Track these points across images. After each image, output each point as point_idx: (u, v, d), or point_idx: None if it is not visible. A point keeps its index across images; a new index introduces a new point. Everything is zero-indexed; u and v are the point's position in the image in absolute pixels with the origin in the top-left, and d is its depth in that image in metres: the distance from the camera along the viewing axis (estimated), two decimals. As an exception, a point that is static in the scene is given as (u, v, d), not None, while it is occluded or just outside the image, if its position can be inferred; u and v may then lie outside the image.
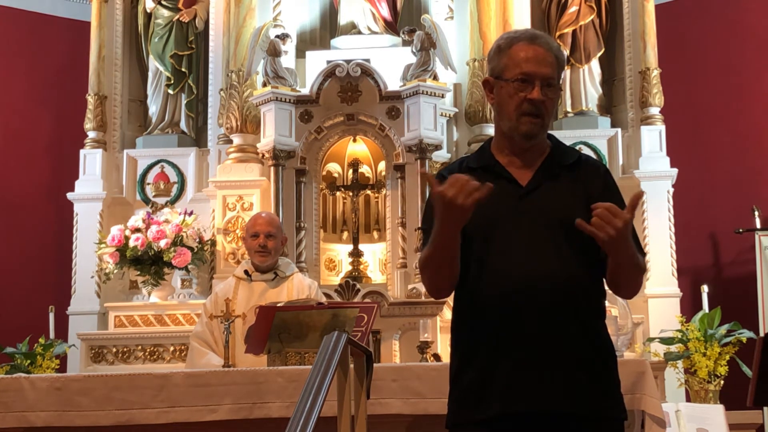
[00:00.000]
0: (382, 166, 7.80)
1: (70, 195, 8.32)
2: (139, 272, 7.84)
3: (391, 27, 8.40)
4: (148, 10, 8.55)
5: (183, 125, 8.52)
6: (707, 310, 7.13)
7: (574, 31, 8.19)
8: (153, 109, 8.58)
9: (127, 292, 8.15)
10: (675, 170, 7.94)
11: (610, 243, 2.63)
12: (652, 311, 7.70)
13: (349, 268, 7.66)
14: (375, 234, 7.89)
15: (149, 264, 7.74)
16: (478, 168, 2.85)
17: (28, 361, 7.37)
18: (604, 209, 2.61)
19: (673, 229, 7.87)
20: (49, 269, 8.80)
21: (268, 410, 4.16)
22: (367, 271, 7.69)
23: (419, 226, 7.31)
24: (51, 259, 8.83)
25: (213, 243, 7.92)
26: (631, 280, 2.78)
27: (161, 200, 8.28)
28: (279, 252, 5.50)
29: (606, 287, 2.84)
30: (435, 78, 7.61)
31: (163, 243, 7.62)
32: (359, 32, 8.37)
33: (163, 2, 8.53)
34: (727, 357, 6.91)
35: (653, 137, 8.02)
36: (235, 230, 7.82)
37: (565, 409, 2.67)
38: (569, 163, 2.84)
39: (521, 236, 2.72)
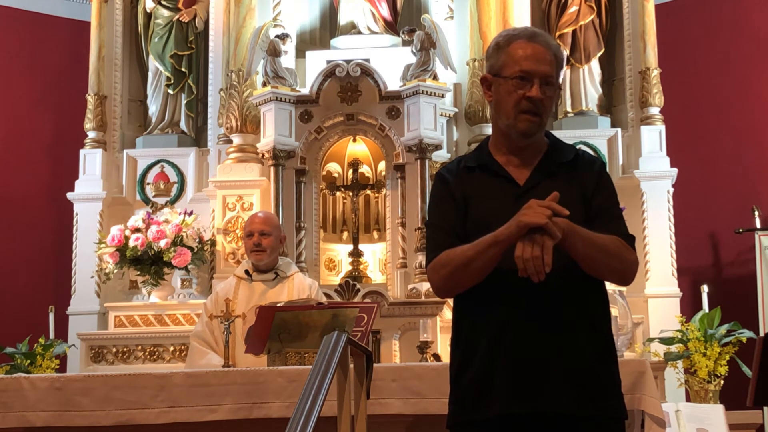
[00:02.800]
0: (382, 166, 7.80)
1: (70, 195, 8.32)
2: (139, 272, 7.84)
3: (391, 27, 8.40)
4: (148, 10, 8.55)
5: (183, 125, 8.52)
6: (707, 310, 7.13)
7: (574, 31, 8.19)
8: (153, 109, 8.58)
9: (127, 292, 8.15)
10: (675, 170, 7.94)
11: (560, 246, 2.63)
12: (652, 311, 7.70)
13: (349, 268, 7.65)
14: (375, 234, 7.89)
15: (149, 264, 7.74)
16: (476, 167, 2.85)
17: (28, 361, 7.37)
18: (519, 259, 2.60)
19: (673, 229, 7.87)
20: (49, 269, 8.80)
21: (268, 410, 4.16)
22: (367, 271, 7.69)
23: (419, 226, 7.38)
24: (51, 259, 8.83)
25: (213, 243, 7.92)
26: (605, 265, 2.73)
27: (161, 200, 8.29)
28: (277, 250, 5.50)
29: (608, 282, 2.84)
30: (435, 78, 7.61)
31: (163, 243, 7.62)
32: (359, 32, 8.37)
33: (163, 2, 8.52)
34: (727, 357, 6.91)
35: (653, 137, 8.02)
36: (235, 230, 7.82)
37: (566, 409, 2.67)
38: (566, 161, 2.84)
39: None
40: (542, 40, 2.81)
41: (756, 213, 7.87)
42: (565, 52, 8.16)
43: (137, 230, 7.73)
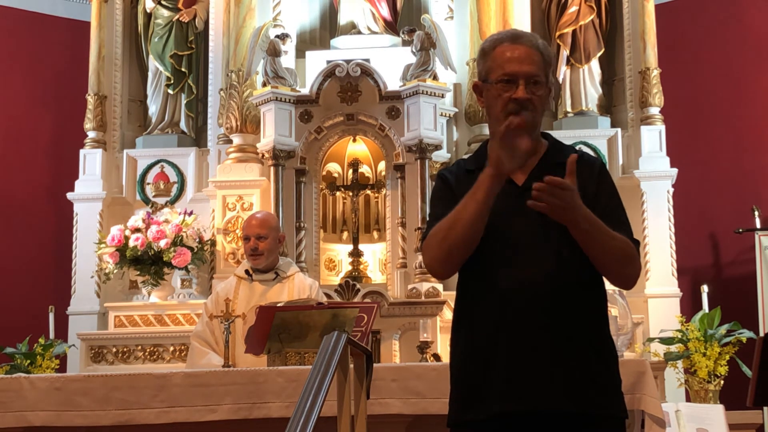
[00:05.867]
0: (382, 166, 7.80)
1: (70, 195, 8.32)
2: (139, 272, 7.84)
3: (391, 27, 8.40)
4: (148, 10, 8.55)
5: (183, 125, 8.52)
6: (707, 310, 7.13)
7: (574, 31, 8.19)
8: (153, 109, 8.58)
9: (127, 292, 8.15)
10: (675, 170, 7.94)
11: (561, 214, 2.62)
12: (652, 311, 7.70)
13: (349, 268, 7.65)
14: (375, 234, 7.89)
15: (149, 264, 7.74)
16: (475, 169, 2.85)
17: (28, 361, 7.37)
18: (544, 184, 2.60)
19: (673, 229, 7.87)
20: (49, 269, 8.80)
21: (268, 410, 4.16)
22: (367, 271, 7.69)
23: (419, 226, 7.38)
24: (51, 259, 8.83)
25: (213, 243, 7.92)
26: (615, 264, 2.73)
27: (161, 200, 8.28)
28: (275, 251, 5.49)
29: (608, 282, 2.83)
30: (435, 78, 7.61)
31: (163, 243, 7.62)
32: (359, 32, 8.37)
33: (163, 2, 8.52)
34: (727, 357, 6.91)
35: (653, 137, 8.02)
36: (234, 230, 7.82)
37: (566, 408, 2.67)
38: (565, 161, 2.84)
39: (518, 236, 2.72)
40: (525, 41, 2.82)
41: (756, 213, 7.86)
42: (565, 52, 8.17)
43: (137, 230, 7.73)
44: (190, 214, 7.90)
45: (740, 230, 7.83)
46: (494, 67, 2.80)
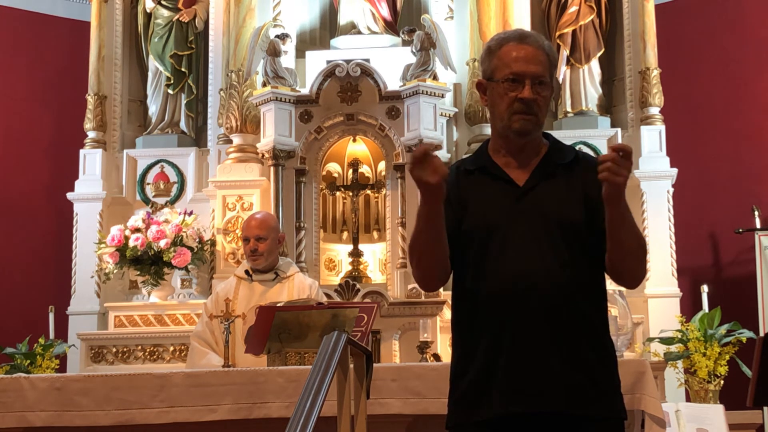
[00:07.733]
0: (382, 166, 7.80)
1: (70, 195, 8.32)
2: (139, 272, 7.84)
3: (391, 27, 8.40)
4: (148, 10, 8.55)
5: (183, 125, 8.51)
6: (707, 310, 7.13)
7: (574, 31, 8.19)
8: (153, 109, 8.57)
9: (127, 292, 8.15)
10: (675, 170, 7.94)
11: (615, 194, 2.63)
12: (652, 311, 7.70)
13: (349, 268, 7.65)
14: (375, 234, 7.89)
15: (149, 264, 7.74)
16: (475, 170, 2.86)
17: (28, 361, 7.37)
18: (611, 159, 2.61)
19: (673, 229, 7.87)
20: (49, 269, 8.79)
21: (268, 410, 4.16)
22: (367, 271, 7.69)
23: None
24: (51, 259, 8.82)
25: (213, 243, 7.92)
26: (632, 258, 2.74)
27: (161, 200, 8.28)
28: (275, 251, 5.49)
29: (608, 283, 2.83)
30: (435, 78, 7.61)
31: (163, 243, 7.62)
32: (359, 32, 8.37)
33: (163, 2, 8.52)
34: (727, 357, 6.91)
35: (653, 137, 8.02)
36: (234, 230, 7.82)
37: (565, 409, 2.67)
38: (566, 162, 2.84)
39: (519, 237, 2.72)
40: (532, 41, 2.82)
41: (756, 213, 7.86)
42: (565, 52, 8.16)
43: (137, 230, 7.73)
44: (190, 214, 7.90)
45: (740, 230, 7.83)
46: (500, 65, 2.80)
